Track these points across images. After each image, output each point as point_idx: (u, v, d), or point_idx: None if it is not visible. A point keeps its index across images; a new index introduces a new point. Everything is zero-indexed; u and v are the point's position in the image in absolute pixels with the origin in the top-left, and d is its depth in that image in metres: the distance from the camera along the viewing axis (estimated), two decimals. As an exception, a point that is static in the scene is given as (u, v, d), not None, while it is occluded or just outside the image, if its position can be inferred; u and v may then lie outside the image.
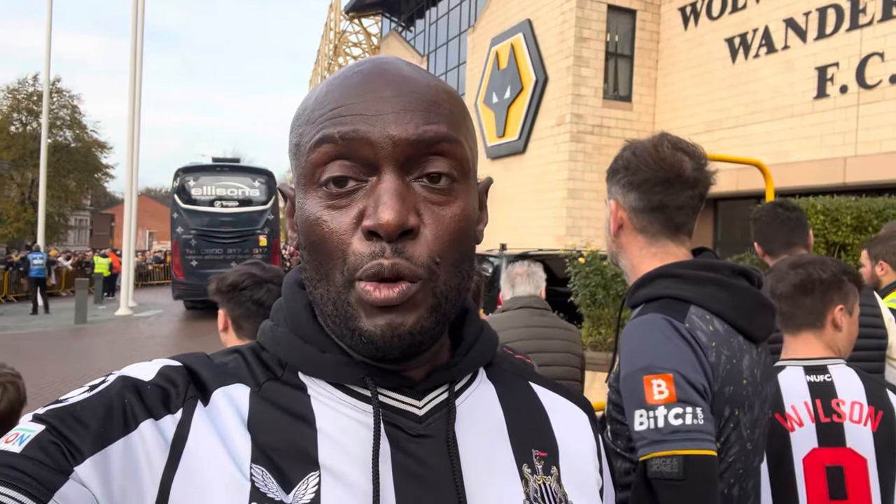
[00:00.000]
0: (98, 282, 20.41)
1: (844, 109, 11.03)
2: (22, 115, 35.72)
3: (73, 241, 51.61)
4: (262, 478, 0.53)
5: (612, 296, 8.46)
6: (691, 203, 1.31)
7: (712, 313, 1.23)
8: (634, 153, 1.32)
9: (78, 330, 13.94)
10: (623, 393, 1.20)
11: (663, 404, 1.12)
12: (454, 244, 0.57)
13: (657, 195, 1.29)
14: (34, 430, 0.49)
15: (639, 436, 1.14)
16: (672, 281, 1.26)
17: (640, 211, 1.32)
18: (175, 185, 15.85)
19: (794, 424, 1.57)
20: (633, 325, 1.25)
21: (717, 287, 1.24)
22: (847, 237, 7.13)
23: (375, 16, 30.16)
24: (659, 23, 15.00)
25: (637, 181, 1.30)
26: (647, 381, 1.15)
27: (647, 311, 1.25)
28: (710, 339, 1.19)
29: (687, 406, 1.11)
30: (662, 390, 1.13)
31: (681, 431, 1.10)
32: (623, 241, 1.37)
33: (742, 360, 1.22)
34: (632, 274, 1.37)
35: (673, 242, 1.33)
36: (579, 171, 14.38)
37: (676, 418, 1.11)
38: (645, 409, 1.14)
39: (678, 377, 1.13)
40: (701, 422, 1.11)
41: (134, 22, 17.40)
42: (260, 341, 0.64)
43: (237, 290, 1.82)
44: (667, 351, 1.16)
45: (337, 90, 0.56)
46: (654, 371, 1.15)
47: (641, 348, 1.19)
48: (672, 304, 1.23)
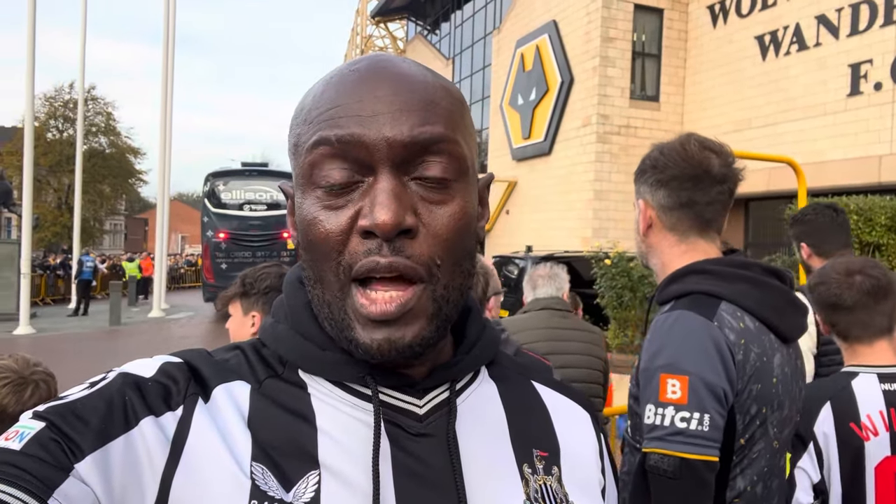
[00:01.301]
0: (131, 285, 20.83)
1: (879, 107, 10.74)
2: (58, 122, 36.67)
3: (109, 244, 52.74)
4: (263, 476, 0.53)
5: (639, 298, 8.35)
6: (720, 199, 1.30)
7: (743, 310, 1.22)
8: (662, 152, 1.33)
9: (112, 331, 14.23)
10: (640, 385, 1.23)
11: (673, 405, 1.14)
12: (455, 243, 0.56)
13: (686, 191, 1.29)
14: (34, 427, 0.50)
15: (646, 428, 1.17)
16: (703, 277, 1.26)
17: (670, 208, 1.32)
18: (206, 189, 16.13)
19: (869, 434, 1.55)
20: (662, 320, 1.25)
21: (748, 284, 1.24)
22: (881, 237, 6.94)
23: (401, 20, 30.30)
24: (687, 21, 14.79)
25: (665, 178, 1.31)
26: (662, 379, 1.16)
27: (677, 308, 1.24)
28: (740, 336, 1.19)
29: (695, 412, 1.13)
30: (676, 391, 1.15)
31: (684, 434, 1.12)
32: (653, 240, 1.37)
33: (773, 358, 1.22)
34: (662, 273, 1.37)
35: (703, 239, 1.32)
36: (606, 172, 14.24)
37: (682, 421, 1.13)
38: (655, 406, 1.16)
39: (695, 380, 1.14)
40: (706, 429, 1.12)
41: (165, 29, 17.75)
42: (261, 338, 0.64)
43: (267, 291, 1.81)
44: (690, 351, 1.17)
45: (333, 89, 0.56)
46: (673, 371, 1.16)
47: (665, 344, 1.20)
48: (702, 301, 1.23)
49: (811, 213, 2.51)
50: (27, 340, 12.49)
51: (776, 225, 11.21)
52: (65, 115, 36.20)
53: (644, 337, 1.32)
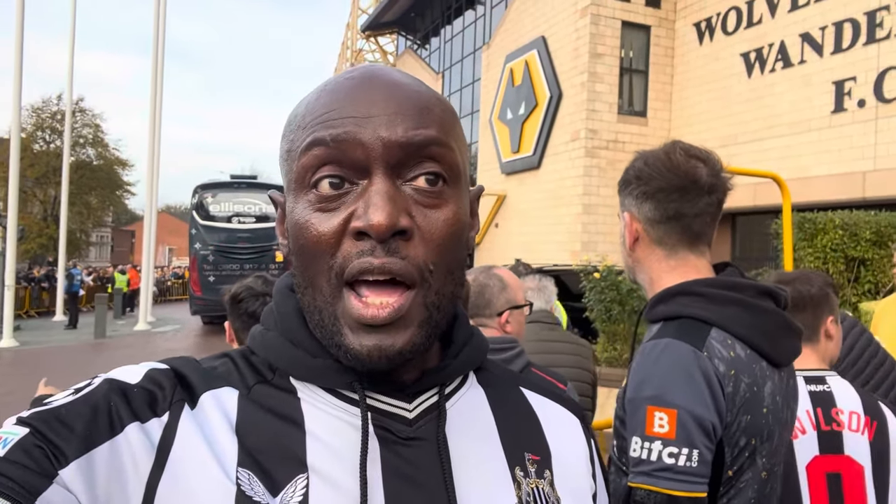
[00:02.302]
0: (117, 297, 20.63)
1: (863, 124, 10.91)
2: (45, 133, 36.42)
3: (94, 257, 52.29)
4: (249, 481, 0.53)
5: (628, 311, 8.37)
6: (709, 210, 1.25)
7: (734, 337, 1.17)
8: (646, 162, 1.27)
9: (97, 344, 14.07)
10: (627, 414, 1.18)
11: (661, 439, 1.09)
12: (448, 249, 0.56)
13: (673, 203, 1.23)
14: (18, 433, 0.49)
15: (632, 460, 1.13)
16: (692, 299, 1.20)
17: (657, 221, 1.26)
18: (194, 201, 16.05)
19: (797, 432, 1.59)
20: (650, 348, 1.19)
21: (740, 308, 1.18)
22: (866, 252, 7.01)
23: (391, 34, 30.47)
24: (674, 38, 14.98)
25: (651, 190, 1.25)
26: (650, 412, 1.11)
27: (665, 332, 1.19)
28: (730, 366, 1.14)
29: (684, 447, 1.09)
30: (663, 425, 1.10)
31: (671, 471, 1.08)
32: (640, 254, 1.32)
33: (763, 388, 1.17)
34: (650, 289, 1.32)
35: (693, 253, 1.27)
36: (594, 186, 14.33)
37: (670, 457, 1.08)
38: (642, 439, 1.11)
39: (683, 414, 1.09)
40: (695, 464, 1.08)
41: (155, 41, 17.74)
42: (250, 346, 0.64)
43: (235, 302, 1.86)
44: (678, 384, 1.12)
45: (328, 96, 0.56)
46: (660, 403, 1.11)
47: (652, 375, 1.14)
48: (692, 327, 1.17)
49: None
50: (10, 354, 12.32)
51: (763, 239, 11.31)
52: (52, 126, 35.96)
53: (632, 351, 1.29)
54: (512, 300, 1.94)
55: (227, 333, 1.93)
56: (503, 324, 1.91)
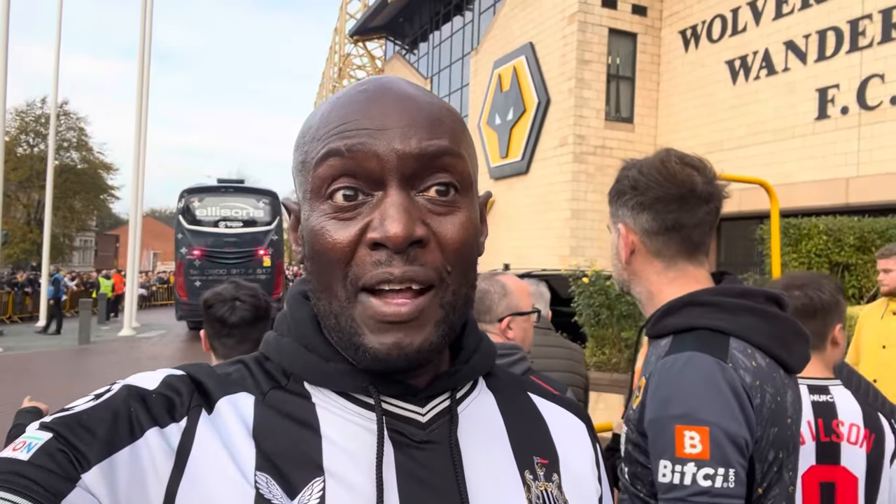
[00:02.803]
0: (102, 302, 20.42)
1: (846, 130, 11.07)
2: (29, 136, 36.06)
3: (78, 261, 51.72)
4: (267, 484, 0.54)
5: (617, 316, 8.42)
6: (707, 219, 1.22)
7: (753, 346, 1.12)
8: (641, 171, 1.23)
9: (82, 350, 13.92)
10: (650, 437, 1.10)
11: (694, 460, 1.02)
12: (463, 252, 0.58)
13: (672, 214, 1.19)
14: (42, 437, 0.50)
15: (661, 486, 1.05)
16: (705, 310, 1.15)
17: (654, 233, 1.22)
18: (180, 205, 15.93)
19: None
20: (669, 363, 1.11)
21: (755, 316, 1.14)
22: (850, 257, 7.11)
23: (379, 39, 30.50)
24: (660, 45, 15.12)
25: (648, 201, 1.21)
26: (679, 431, 1.04)
27: (682, 346, 1.12)
28: (755, 377, 1.08)
29: (720, 467, 1.01)
30: (695, 444, 1.02)
31: (709, 494, 1.01)
32: (636, 267, 1.27)
33: (786, 397, 1.13)
34: (649, 302, 1.26)
35: (692, 265, 1.23)
36: (582, 191, 14.41)
37: (706, 479, 1.01)
38: (672, 462, 1.04)
39: (716, 432, 1.02)
40: (732, 485, 1.01)
41: (141, 44, 17.63)
42: (264, 352, 0.65)
43: (206, 308, 1.82)
44: (707, 399, 1.05)
45: (342, 109, 0.58)
46: (690, 422, 1.04)
47: (678, 392, 1.07)
48: (710, 338, 1.11)
49: None
50: None
51: (748, 245, 11.44)
52: (36, 129, 35.63)
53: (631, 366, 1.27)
54: (514, 306, 1.93)
55: (203, 342, 1.88)
56: (504, 330, 1.91)
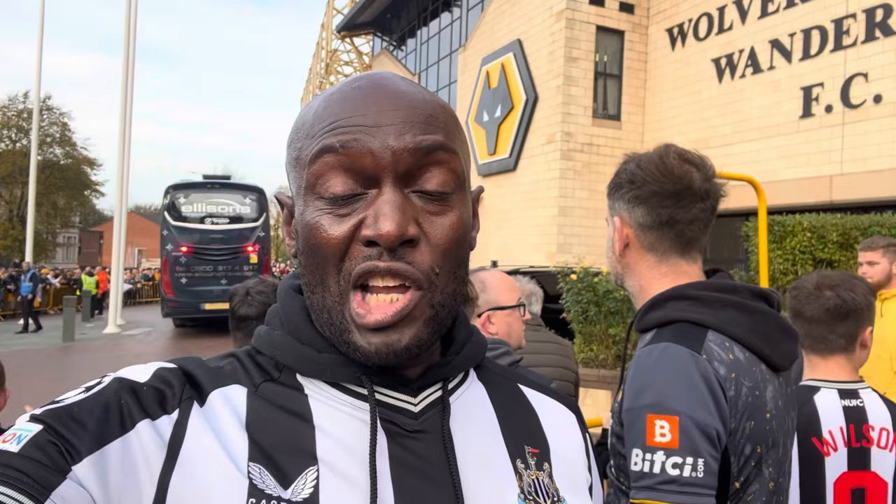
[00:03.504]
0: (86, 299, 20.23)
1: (830, 129, 11.19)
2: (11, 132, 35.62)
3: (62, 258, 51.18)
4: (260, 475, 0.54)
5: (604, 312, 8.47)
6: (703, 216, 1.22)
7: (732, 339, 1.12)
8: (639, 166, 1.23)
9: (66, 348, 13.77)
10: (625, 427, 1.12)
11: (663, 449, 1.03)
12: (452, 252, 0.58)
13: (667, 209, 1.20)
14: (32, 430, 0.50)
15: (633, 475, 1.06)
16: (687, 303, 1.16)
17: (649, 227, 1.23)
18: (165, 202, 15.78)
19: (829, 449, 1.56)
20: (645, 354, 1.14)
21: (736, 310, 1.14)
22: (833, 254, 7.20)
23: (367, 35, 30.39)
24: (647, 43, 15.20)
25: (644, 195, 1.21)
26: (650, 421, 1.05)
27: (660, 338, 1.14)
28: (730, 369, 1.09)
29: (689, 456, 1.02)
30: (665, 433, 1.04)
31: (677, 482, 1.01)
32: (629, 260, 1.28)
33: (765, 392, 1.13)
34: (640, 296, 1.28)
35: (684, 260, 1.24)
36: (570, 188, 14.46)
37: (674, 468, 1.02)
38: (642, 450, 1.05)
39: (686, 421, 1.03)
40: (700, 475, 1.01)
41: (126, 40, 17.45)
42: (255, 345, 0.65)
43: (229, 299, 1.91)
44: (678, 389, 1.06)
45: (336, 105, 0.58)
46: (660, 411, 1.05)
47: (650, 382, 1.09)
48: (688, 331, 1.13)
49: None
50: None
51: (733, 242, 11.54)
52: (18, 125, 35.21)
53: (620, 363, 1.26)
54: (493, 301, 1.94)
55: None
56: (483, 325, 1.92)
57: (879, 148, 10.41)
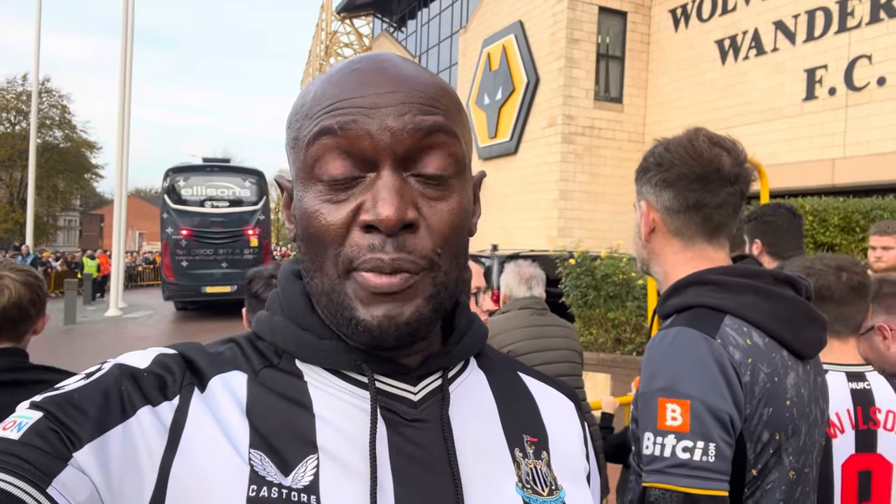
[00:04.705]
0: (87, 282, 20.27)
1: (833, 111, 11.13)
2: (10, 114, 35.49)
3: (63, 241, 51.26)
4: (261, 462, 0.54)
5: (603, 296, 8.49)
6: (731, 201, 1.19)
7: (751, 324, 1.11)
8: (668, 148, 1.21)
9: (67, 331, 13.83)
10: (639, 410, 1.12)
11: (674, 433, 1.03)
12: (453, 238, 0.58)
13: (694, 193, 1.18)
14: (32, 417, 0.50)
15: (644, 458, 1.06)
16: (706, 288, 1.15)
17: (676, 211, 1.21)
18: (165, 185, 15.76)
19: (836, 431, 1.58)
20: (658, 339, 1.13)
21: (756, 295, 1.13)
22: (835, 238, 7.19)
23: (367, 16, 30.15)
24: (649, 24, 15.07)
25: (671, 178, 1.19)
26: (661, 404, 1.05)
27: (676, 323, 1.14)
28: (746, 354, 1.08)
29: (699, 440, 1.02)
30: (676, 417, 1.03)
31: (687, 466, 1.01)
32: (655, 245, 1.26)
33: (786, 379, 1.10)
34: (664, 282, 1.26)
35: (711, 246, 1.22)
36: (571, 172, 14.42)
37: (685, 451, 1.02)
38: (654, 434, 1.05)
39: (697, 405, 1.03)
40: (712, 459, 1.01)
41: (124, 22, 17.31)
42: (256, 331, 0.65)
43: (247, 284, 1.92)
44: (691, 372, 1.05)
45: (335, 86, 0.57)
46: (672, 394, 1.05)
47: (663, 365, 1.09)
48: (704, 315, 1.12)
49: (770, 214, 2.58)
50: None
51: (735, 225, 11.50)
52: (17, 107, 35.06)
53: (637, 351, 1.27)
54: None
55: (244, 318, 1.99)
56: None
57: (882, 131, 10.36)
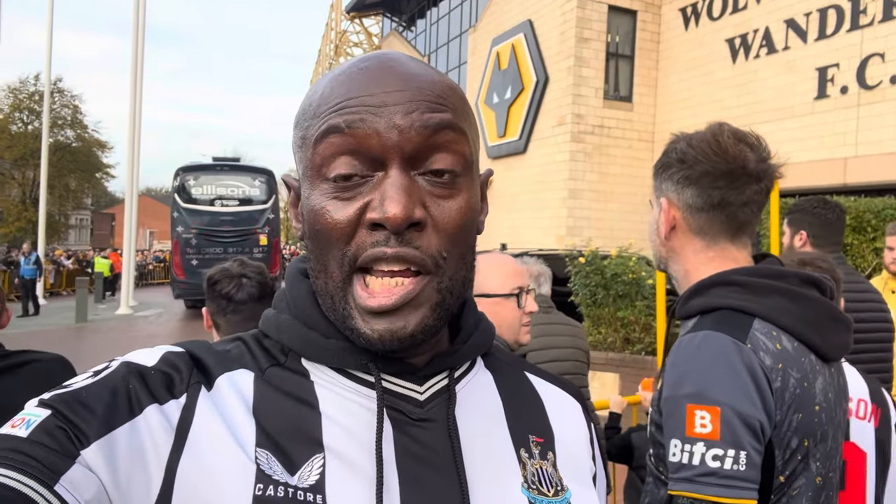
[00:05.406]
0: (98, 281, 20.41)
1: (845, 110, 11.03)
2: (23, 114, 35.77)
3: (74, 240, 51.67)
4: (267, 460, 0.54)
5: (613, 295, 8.47)
6: (757, 199, 1.16)
7: (779, 328, 1.08)
8: (690, 144, 1.18)
9: (79, 329, 13.94)
10: (664, 416, 1.09)
11: (703, 440, 1.00)
12: (460, 237, 0.57)
13: (719, 190, 1.15)
14: (40, 414, 0.50)
15: (671, 466, 1.04)
16: (731, 290, 1.12)
17: (699, 209, 1.17)
18: (175, 184, 15.85)
19: None
20: (686, 342, 1.10)
21: (784, 298, 1.10)
22: (847, 237, 7.13)
23: (376, 16, 30.18)
24: (659, 23, 15.00)
25: (695, 175, 1.16)
26: (690, 411, 1.02)
27: (703, 325, 1.11)
28: (777, 359, 1.05)
29: (730, 448, 0.99)
30: (706, 424, 1.01)
31: (716, 475, 0.98)
32: (675, 244, 1.23)
33: (815, 383, 1.08)
34: (684, 281, 1.23)
35: (734, 245, 1.19)
36: (580, 171, 14.38)
37: (715, 460, 0.99)
38: (682, 441, 1.02)
39: (728, 412, 1.00)
40: (742, 468, 0.98)
41: (135, 21, 17.42)
42: (262, 329, 0.65)
43: (210, 284, 1.83)
44: (721, 378, 1.03)
45: (343, 85, 0.57)
46: (701, 401, 1.02)
47: (691, 370, 1.06)
48: (732, 318, 1.09)
49: (821, 206, 2.61)
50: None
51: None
52: (30, 107, 35.32)
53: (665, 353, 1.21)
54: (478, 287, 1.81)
55: (204, 319, 1.89)
56: None
57: (895, 130, 10.26)
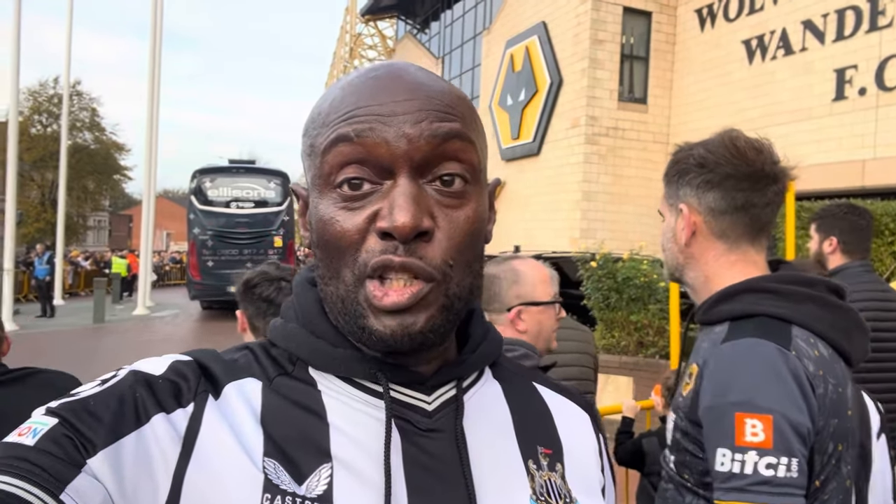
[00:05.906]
0: (116, 282, 20.61)
1: (863, 112, 10.89)
2: (42, 116, 36.20)
3: (92, 241, 52.22)
4: (275, 470, 0.54)
5: (626, 299, 8.42)
6: (776, 200, 1.18)
7: (816, 335, 1.09)
8: (709, 150, 1.19)
9: (97, 329, 14.09)
10: (705, 425, 1.08)
11: (756, 449, 1.00)
12: (467, 246, 0.58)
13: (742, 192, 1.16)
14: (47, 423, 0.50)
15: (719, 475, 1.03)
16: (764, 297, 1.12)
17: (722, 212, 1.18)
18: (192, 186, 15.98)
19: None
20: (728, 349, 1.09)
21: (816, 305, 1.11)
22: (865, 241, 7.04)
23: (391, 18, 30.25)
24: (675, 24, 14.90)
25: (717, 178, 1.17)
26: (739, 419, 1.02)
27: (741, 332, 1.10)
28: (818, 366, 1.06)
29: (783, 456, 0.99)
30: (757, 433, 1.00)
31: (770, 483, 0.99)
32: (695, 250, 1.22)
33: (847, 389, 1.11)
34: (703, 287, 1.22)
35: (754, 248, 1.20)
36: (594, 173, 14.31)
37: (768, 468, 0.99)
38: (731, 450, 1.02)
39: (779, 420, 1.00)
40: (795, 475, 0.99)
41: (153, 24, 17.60)
42: (270, 338, 0.65)
43: (249, 288, 1.85)
44: (770, 386, 1.02)
45: (352, 95, 0.57)
46: (751, 409, 1.01)
47: (738, 379, 1.05)
48: (772, 326, 1.09)
49: (853, 212, 2.60)
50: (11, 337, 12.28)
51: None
52: (49, 109, 35.72)
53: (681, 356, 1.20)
54: (524, 295, 1.74)
55: (239, 322, 1.91)
56: (513, 320, 1.72)
57: (915, 132, 10.12)
